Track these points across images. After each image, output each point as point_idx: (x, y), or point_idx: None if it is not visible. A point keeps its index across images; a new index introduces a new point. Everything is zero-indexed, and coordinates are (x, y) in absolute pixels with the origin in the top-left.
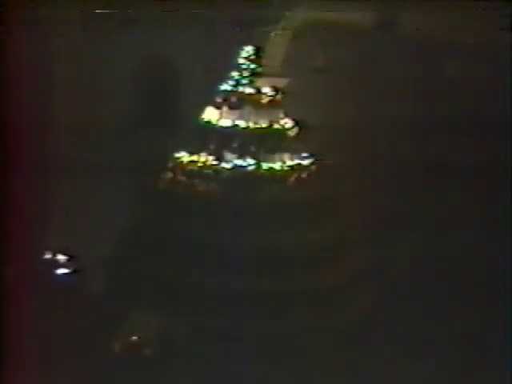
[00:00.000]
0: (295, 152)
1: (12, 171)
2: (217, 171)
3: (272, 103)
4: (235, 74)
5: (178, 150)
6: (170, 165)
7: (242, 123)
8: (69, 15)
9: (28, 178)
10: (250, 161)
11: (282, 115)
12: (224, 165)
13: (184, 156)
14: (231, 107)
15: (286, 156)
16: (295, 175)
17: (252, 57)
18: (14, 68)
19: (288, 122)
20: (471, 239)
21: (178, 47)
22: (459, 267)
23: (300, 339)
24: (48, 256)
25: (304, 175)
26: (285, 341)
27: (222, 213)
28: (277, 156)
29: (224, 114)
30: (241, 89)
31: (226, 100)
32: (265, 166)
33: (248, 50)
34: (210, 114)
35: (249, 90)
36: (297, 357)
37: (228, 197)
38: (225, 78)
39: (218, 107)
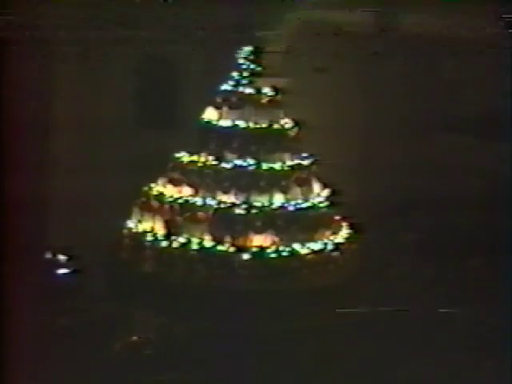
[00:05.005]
0: (295, 152)
1: (12, 171)
2: (217, 171)
3: (272, 103)
4: (235, 74)
5: (178, 150)
6: (170, 165)
7: (241, 123)
8: (68, 15)
9: (28, 177)
10: (250, 161)
11: (282, 115)
12: (224, 165)
13: (184, 156)
14: (231, 107)
15: (286, 156)
16: (295, 175)
17: (252, 57)
18: (14, 68)
19: (288, 122)
20: (471, 239)
21: (178, 47)
22: (459, 267)
23: (300, 339)
24: (48, 256)
25: (304, 175)
26: (285, 340)
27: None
28: (277, 156)
29: (224, 114)
30: (241, 89)
31: (226, 100)
32: (265, 165)
33: (248, 50)
34: (210, 114)
35: (249, 90)
36: (297, 357)
37: None
38: (225, 78)
39: (218, 107)
